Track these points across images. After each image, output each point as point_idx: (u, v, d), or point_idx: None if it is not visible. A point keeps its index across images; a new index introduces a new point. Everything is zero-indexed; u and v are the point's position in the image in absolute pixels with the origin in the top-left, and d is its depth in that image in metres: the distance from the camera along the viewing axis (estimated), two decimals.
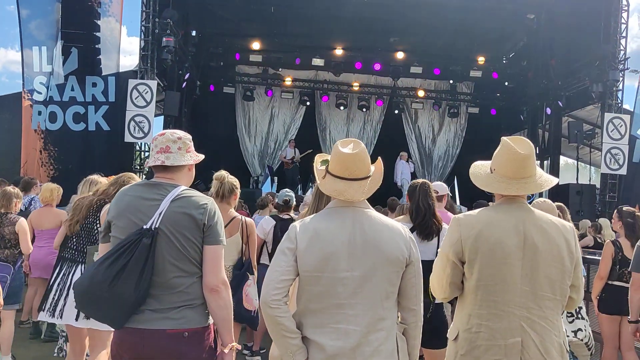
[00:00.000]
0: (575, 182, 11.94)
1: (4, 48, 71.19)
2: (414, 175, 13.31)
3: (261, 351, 5.32)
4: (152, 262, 2.11)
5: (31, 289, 6.07)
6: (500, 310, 2.11)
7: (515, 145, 2.17)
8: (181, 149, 2.30)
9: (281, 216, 5.37)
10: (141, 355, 2.14)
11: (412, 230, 3.49)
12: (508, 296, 2.10)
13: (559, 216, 4.22)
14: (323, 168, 2.22)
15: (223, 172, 3.77)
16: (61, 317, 3.41)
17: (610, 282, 4.37)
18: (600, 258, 4.58)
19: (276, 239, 5.15)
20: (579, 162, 12.58)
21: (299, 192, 12.57)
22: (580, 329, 3.78)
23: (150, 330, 2.12)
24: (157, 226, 2.14)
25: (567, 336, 3.50)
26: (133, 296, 2.09)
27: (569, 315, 3.76)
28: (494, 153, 2.27)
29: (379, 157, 2.28)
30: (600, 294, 4.42)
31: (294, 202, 5.50)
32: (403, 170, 13.66)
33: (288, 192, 5.50)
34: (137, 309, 2.13)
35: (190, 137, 2.39)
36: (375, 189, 2.18)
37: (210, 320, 2.24)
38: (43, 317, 3.50)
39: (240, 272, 3.53)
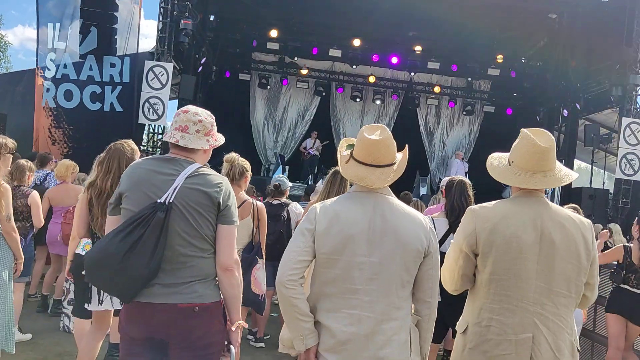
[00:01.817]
0: (588, 186, 11.80)
1: (22, 25, 71.61)
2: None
3: (265, 337, 5.33)
4: (165, 236, 2.10)
5: (38, 263, 6.13)
6: (513, 305, 2.07)
7: (536, 138, 2.12)
8: (199, 132, 2.29)
9: (271, 202, 5.37)
10: (151, 330, 2.14)
11: (450, 229, 3.49)
12: (522, 291, 2.06)
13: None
14: (347, 152, 2.20)
15: (234, 154, 3.75)
16: (108, 304, 3.40)
17: (616, 284, 4.46)
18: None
19: None
20: (593, 166, 12.42)
21: (310, 182, 12.57)
22: None
23: (161, 305, 2.12)
24: (171, 201, 2.13)
25: None
26: (146, 270, 2.08)
27: None
28: (513, 145, 2.22)
29: (407, 145, 2.25)
30: (608, 295, 4.49)
31: (286, 188, 5.48)
32: (458, 170, 13.32)
33: (279, 177, 5.51)
34: (148, 283, 2.12)
35: (212, 120, 2.36)
36: (397, 177, 2.15)
37: (220, 297, 2.24)
38: (94, 307, 3.45)
39: (249, 255, 3.52)
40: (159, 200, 2.13)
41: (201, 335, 2.15)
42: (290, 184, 5.87)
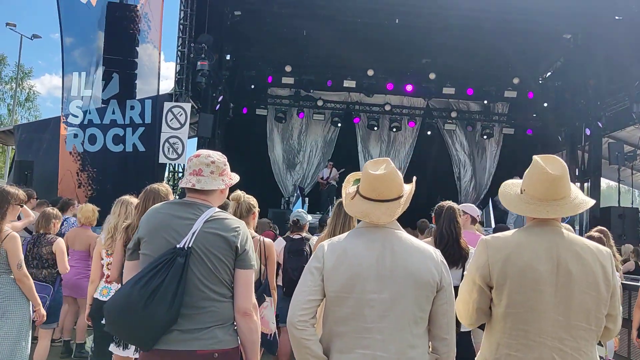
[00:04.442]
0: (617, 205, 11.50)
1: (49, 74, 74.49)
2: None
3: None
4: (184, 281, 2.09)
5: (64, 307, 6.18)
6: (531, 340, 1.98)
7: (547, 165, 2.07)
8: (213, 173, 2.31)
9: (292, 236, 5.36)
10: None
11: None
12: (539, 325, 1.97)
13: (601, 240, 4.06)
14: (354, 188, 2.18)
15: (239, 192, 3.77)
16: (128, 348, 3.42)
17: None
18: None
19: (285, 259, 5.14)
20: (620, 185, 12.12)
21: (329, 213, 12.52)
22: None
23: (180, 352, 2.09)
24: (190, 245, 2.13)
25: None
26: (166, 316, 2.06)
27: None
28: (525, 172, 2.17)
29: (414, 178, 2.24)
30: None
31: (306, 222, 5.48)
32: None
33: (298, 213, 5.51)
34: (168, 329, 2.10)
35: (224, 160, 2.39)
36: (402, 211, 2.11)
37: (238, 342, 2.22)
38: (114, 349, 3.46)
39: (257, 293, 3.47)
40: (178, 245, 2.13)
41: None
42: (310, 218, 5.86)
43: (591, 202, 2.15)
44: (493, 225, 11.16)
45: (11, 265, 3.67)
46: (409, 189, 2.16)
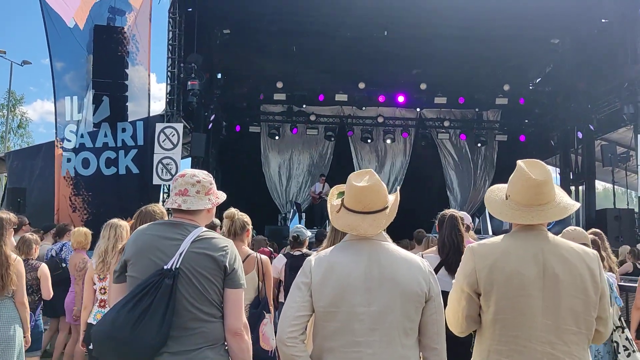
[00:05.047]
0: (612, 207, 11.50)
1: (41, 100, 74.79)
2: None
3: None
4: (173, 303, 2.06)
5: (62, 334, 6.12)
6: (520, 345, 1.96)
7: (530, 171, 2.06)
8: (199, 192, 2.29)
9: (292, 253, 5.35)
10: None
11: (440, 264, 3.40)
12: (529, 330, 1.96)
13: (595, 243, 4.04)
14: (339, 201, 2.17)
15: (233, 210, 3.75)
16: None
17: None
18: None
19: (286, 276, 5.13)
20: (615, 186, 12.13)
21: (327, 228, 12.47)
22: None
23: None
24: (177, 266, 2.11)
25: None
26: (156, 339, 2.03)
27: (625, 348, 3.53)
28: (510, 178, 2.16)
29: (398, 189, 2.25)
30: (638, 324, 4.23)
31: (305, 238, 5.46)
32: None
33: (298, 229, 5.50)
34: (157, 352, 2.06)
35: (210, 179, 2.37)
36: (388, 223, 2.11)
37: None
38: None
39: (256, 310, 3.46)
40: (165, 267, 2.11)
41: None
42: (309, 233, 5.83)
43: (576, 205, 2.15)
44: (490, 232, 11.14)
45: (18, 288, 3.72)
46: (393, 199, 2.16)
